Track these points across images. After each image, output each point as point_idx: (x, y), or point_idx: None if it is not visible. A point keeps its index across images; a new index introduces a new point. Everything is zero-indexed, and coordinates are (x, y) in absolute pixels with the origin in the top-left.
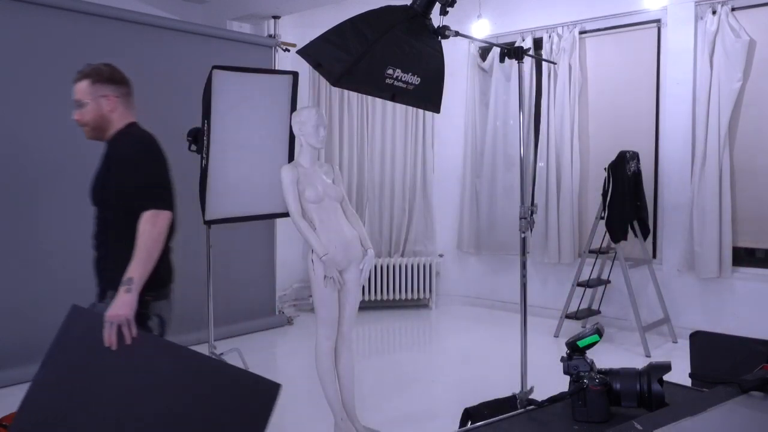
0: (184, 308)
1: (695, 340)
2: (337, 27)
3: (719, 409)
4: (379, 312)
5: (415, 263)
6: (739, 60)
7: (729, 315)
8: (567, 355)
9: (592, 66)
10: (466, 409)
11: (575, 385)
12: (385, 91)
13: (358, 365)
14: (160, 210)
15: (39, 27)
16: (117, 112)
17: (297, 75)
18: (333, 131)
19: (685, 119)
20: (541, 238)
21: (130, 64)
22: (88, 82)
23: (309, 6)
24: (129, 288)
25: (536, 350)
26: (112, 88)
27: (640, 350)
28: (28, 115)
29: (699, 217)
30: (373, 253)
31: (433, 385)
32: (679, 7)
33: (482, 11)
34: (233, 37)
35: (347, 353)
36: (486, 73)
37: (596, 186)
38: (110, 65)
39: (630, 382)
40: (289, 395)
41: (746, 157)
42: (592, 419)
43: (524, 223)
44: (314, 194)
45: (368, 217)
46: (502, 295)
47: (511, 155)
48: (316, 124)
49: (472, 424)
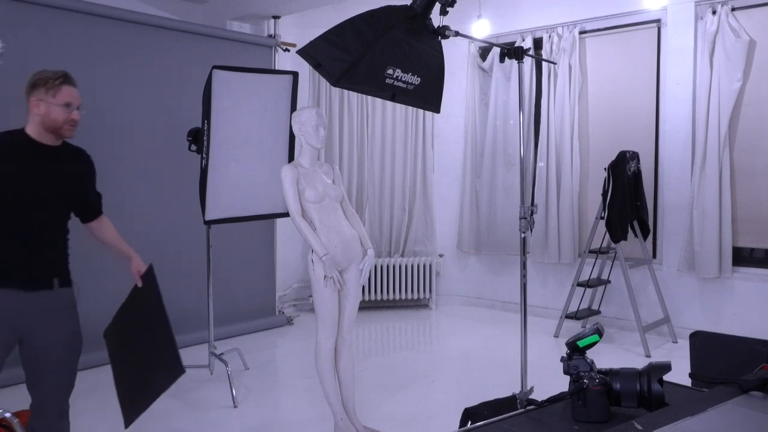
0: (184, 308)
1: (695, 340)
2: (337, 27)
3: (719, 409)
4: (379, 312)
5: (415, 263)
6: (739, 60)
7: (729, 315)
8: (567, 355)
9: (592, 66)
10: (466, 409)
11: (575, 385)
12: (385, 91)
13: (358, 365)
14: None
15: (39, 27)
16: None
17: (297, 75)
18: (333, 131)
19: (685, 119)
20: (541, 238)
21: (131, 64)
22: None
23: (309, 6)
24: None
25: (536, 350)
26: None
27: (640, 350)
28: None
29: (699, 217)
30: (373, 253)
31: (433, 385)
32: (679, 7)
33: (482, 11)
34: (233, 37)
35: (347, 353)
36: (486, 73)
37: (596, 186)
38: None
39: (630, 382)
40: (289, 395)
41: (746, 157)
42: (592, 419)
43: (524, 223)
44: (314, 194)
45: (368, 217)
46: (502, 295)
47: (511, 155)
48: (316, 124)
49: (472, 424)
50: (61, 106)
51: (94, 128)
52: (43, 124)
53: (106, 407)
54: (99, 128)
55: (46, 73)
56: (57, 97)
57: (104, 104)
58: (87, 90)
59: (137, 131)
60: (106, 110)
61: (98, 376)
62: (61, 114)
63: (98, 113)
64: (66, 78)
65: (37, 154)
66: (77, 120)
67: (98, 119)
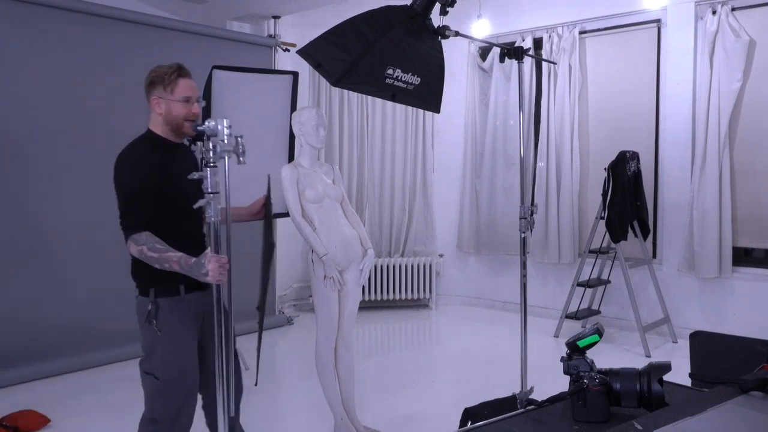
0: None
1: (695, 340)
2: (337, 27)
3: (719, 409)
4: (379, 312)
5: (415, 263)
6: (739, 60)
7: (729, 315)
8: (567, 355)
9: (592, 66)
10: (466, 409)
11: (575, 385)
12: (385, 91)
13: (358, 365)
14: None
15: (39, 27)
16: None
17: (297, 75)
18: (333, 131)
19: (685, 119)
20: (541, 238)
21: (131, 64)
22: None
23: (309, 6)
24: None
25: (536, 350)
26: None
27: (640, 350)
28: (29, 115)
29: (699, 217)
30: (373, 253)
31: (433, 385)
32: (679, 7)
33: (482, 11)
34: (233, 37)
35: (347, 353)
36: (486, 73)
37: (596, 186)
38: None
39: (630, 382)
40: (289, 395)
41: (746, 157)
42: (592, 419)
43: (524, 223)
44: (314, 194)
45: (368, 217)
46: (502, 295)
47: (511, 155)
48: (316, 124)
49: (472, 424)
50: (180, 102)
51: (94, 128)
52: (167, 122)
53: (113, 407)
54: (99, 128)
55: (160, 68)
56: (175, 93)
57: (104, 104)
58: (87, 90)
59: (137, 131)
60: (106, 110)
61: (103, 375)
62: (182, 109)
63: (98, 113)
64: (181, 70)
65: (176, 155)
66: (197, 113)
67: (98, 119)
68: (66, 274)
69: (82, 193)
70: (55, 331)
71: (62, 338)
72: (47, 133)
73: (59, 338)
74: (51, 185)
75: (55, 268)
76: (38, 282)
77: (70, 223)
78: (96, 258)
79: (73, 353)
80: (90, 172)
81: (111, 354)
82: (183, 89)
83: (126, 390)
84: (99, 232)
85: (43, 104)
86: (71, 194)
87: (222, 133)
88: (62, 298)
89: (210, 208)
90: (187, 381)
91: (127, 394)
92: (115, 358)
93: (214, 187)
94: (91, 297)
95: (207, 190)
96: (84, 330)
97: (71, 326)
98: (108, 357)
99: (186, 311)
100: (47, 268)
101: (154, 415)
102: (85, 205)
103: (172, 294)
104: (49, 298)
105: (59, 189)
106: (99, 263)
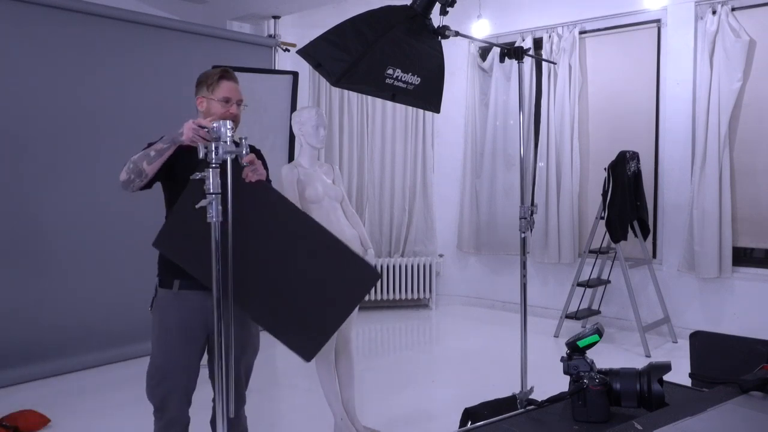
0: None
1: (695, 340)
2: (337, 27)
3: (719, 409)
4: (379, 312)
5: (415, 263)
6: (739, 60)
7: (729, 315)
8: (567, 355)
9: (592, 66)
10: (466, 409)
11: (575, 385)
12: (385, 91)
13: (358, 365)
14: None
15: (39, 27)
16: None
17: (297, 75)
18: (333, 131)
19: (685, 119)
20: (541, 238)
21: (131, 64)
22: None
23: (309, 6)
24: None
25: (536, 350)
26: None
27: (640, 350)
28: (29, 115)
29: (699, 217)
30: (373, 253)
31: (433, 385)
32: (679, 7)
33: (482, 11)
34: (233, 37)
35: (347, 353)
36: (486, 73)
37: (596, 186)
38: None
39: (630, 382)
40: (289, 395)
41: (746, 157)
42: (592, 419)
43: (524, 223)
44: (314, 194)
45: (368, 217)
46: (502, 295)
47: (511, 155)
48: (316, 124)
49: (472, 424)
50: (219, 101)
51: (94, 128)
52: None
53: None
54: (99, 128)
55: (208, 71)
56: (215, 93)
57: (104, 104)
58: (87, 90)
59: (138, 131)
60: (106, 110)
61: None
62: (220, 108)
63: (98, 113)
64: (225, 73)
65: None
66: (236, 114)
67: (98, 119)
68: (66, 274)
69: (82, 193)
70: (55, 331)
71: (62, 338)
72: (47, 133)
73: (59, 338)
74: (51, 185)
75: (55, 268)
76: (38, 282)
77: (70, 223)
78: (96, 258)
79: (73, 353)
80: (90, 172)
81: (111, 354)
82: (223, 90)
83: (126, 390)
84: (99, 232)
85: (43, 104)
86: (71, 194)
87: (224, 134)
88: (62, 298)
89: (212, 209)
90: (168, 375)
91: (127, 394)
92: (115, 358)
93: (216, 187)
94: (91, 297)
95: (209, 191)
96: (84, 330)
97: (71, 326)
98: (108, 357)
99: (181, 308)
100: (47, 268)
101: (148, 397)
102: (85, 205)
103: (167, 287)
104: (49, 298)
105: (59, 189)
106: (99, 263)
